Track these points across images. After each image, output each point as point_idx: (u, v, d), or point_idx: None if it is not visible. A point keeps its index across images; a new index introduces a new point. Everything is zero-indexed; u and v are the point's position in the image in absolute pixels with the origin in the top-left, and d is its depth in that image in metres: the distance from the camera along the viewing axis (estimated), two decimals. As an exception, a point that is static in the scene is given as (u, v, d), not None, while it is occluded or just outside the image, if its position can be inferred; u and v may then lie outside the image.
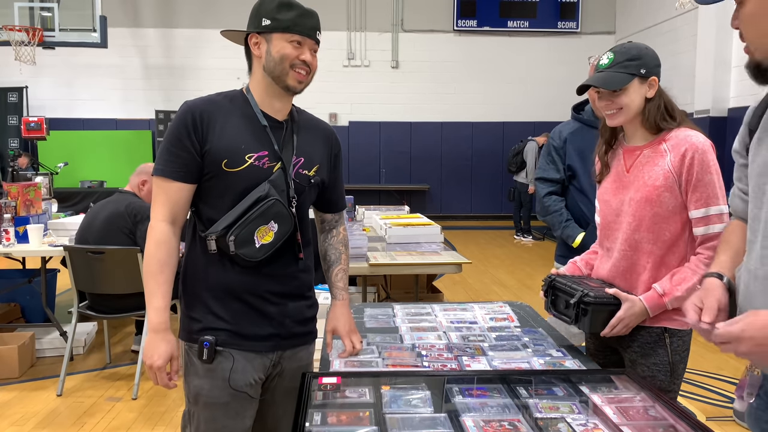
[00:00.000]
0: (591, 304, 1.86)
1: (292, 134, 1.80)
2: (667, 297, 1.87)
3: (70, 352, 3.98)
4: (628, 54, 1.90)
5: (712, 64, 8.86)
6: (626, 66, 1.89)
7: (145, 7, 12.46)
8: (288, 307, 1.82)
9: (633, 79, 1.88)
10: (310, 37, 1.72)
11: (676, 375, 1.95)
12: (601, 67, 1.93)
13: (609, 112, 1.94)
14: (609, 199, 2.02)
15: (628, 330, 1.91)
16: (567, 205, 2.85)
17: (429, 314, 2.38)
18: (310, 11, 1.74)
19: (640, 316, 1.89)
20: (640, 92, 1.91)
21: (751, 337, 1.20)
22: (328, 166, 1.90)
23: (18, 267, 5.47)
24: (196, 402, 1.78)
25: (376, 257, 3.62)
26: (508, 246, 10.10)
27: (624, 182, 1.98)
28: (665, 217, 1.89)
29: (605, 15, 12.95)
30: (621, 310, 1.87)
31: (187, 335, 1.78)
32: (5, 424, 3.46)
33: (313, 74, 1.78)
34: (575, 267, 2.19)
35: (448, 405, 1.52)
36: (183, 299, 1.82)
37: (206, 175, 1.72)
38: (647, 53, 1.93)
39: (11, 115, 12.16)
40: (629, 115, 1.92)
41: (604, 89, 1.90)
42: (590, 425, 1.40)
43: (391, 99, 12.97)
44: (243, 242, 1.68)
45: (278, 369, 1.84)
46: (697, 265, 1.85)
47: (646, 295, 1.89)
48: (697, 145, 1.85)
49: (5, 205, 4.48)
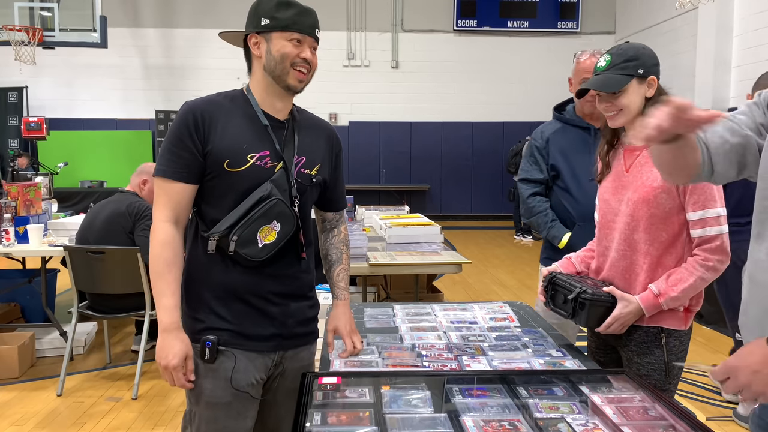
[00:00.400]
0: (588, 300, 1.89)
1: (293, 133, 1.80)
2: (663, 297, 1.88)
3: (70, 352, 3.98)
4: (625, 55, 1.91)
5: (712, 64, 8.86)
6: (624, 67, 1.90)
7: (145, 7, 12.46)
8: (290, 307, 1.82)
9: (631, 79, 1.89)
10: (309, 35, 1.72)
11: (672, 375, 1.97)
12: (598, 69, 1.95)
13: (609, 114, 1.95)
14: (608, 198, 2.04)
15: (624, 328, 1.93)
16: (552, 205, 2.83)
17: (429, 314, 2.38)
18: (308, 9, 1.74)
19: (635, 315, 1.91)
20: (640, 92, 1.91)
21: (746, 366, 1.21)
22: (329, 165, 1.90)
23: (18, 267, 5.47)
24: (198, 402, 1.78)
25: (376, 257, 3.62)
26: (508, 246, 10.10)
27: (623, 182, 2.00)
28: (662, 218, 1.90)
29: (605, 15, 12.95)
30: (616, 308, 1.90)
31: (190, 335, 1.78)
32: (5, 424, 3.46)
33: (313, 73, 1.78)
34: (569, 263, 2.21)
35: (448, 405, 1.52)
36: (185, 299, 1.82)
37: (208, 175, 1.72)
38: (644, 53, 1.93)
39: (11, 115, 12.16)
40: (630, 116, 1.93)
41: (603, 92, 1.91)
42: (590, 425, 1.40)
43: (391, 99, 12.97)
44: (246, 242, 1.68)
45: (280, 369, 1.84)
46: (693, 266, 1.87)
47: (642, 295, 1.91)
48: None
49: (5, 205, 4.48)
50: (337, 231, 2.02)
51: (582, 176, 2.67)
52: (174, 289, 1.70)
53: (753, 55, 8.50)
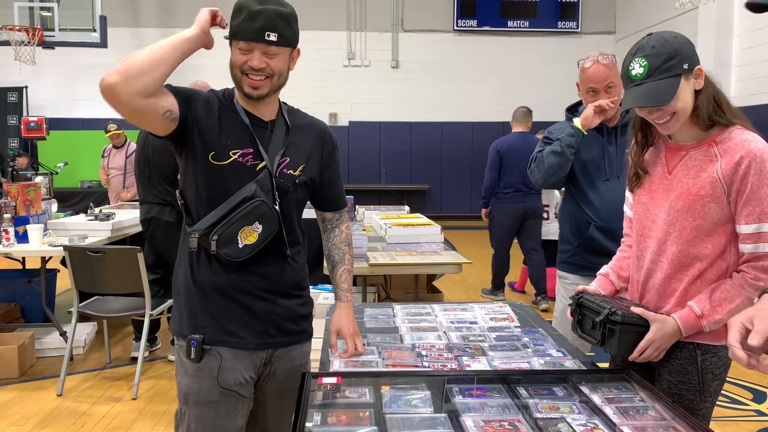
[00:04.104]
0: (618, 323, 1.66)
1: (279, 134, 1.80)
2: (706, 320, 1.66)
3: (70, 352, 3.98)
4: (663, 54, 1.63)
5: (712, 64, 8.85)
6: (667, 68, 1.63)
7: (145, 7, 12.46)
8: (276, 304, 1.82)
9: (679, 80, 1.64)
10: (255, 41, 1.63)
11: (707, 394, 1.76)
12: (637, 78, 1.66)
13: (661, 122, 1.70)
14: (647, 202, 1.82)
15: (661, 353, 1.70)
16: (568, 210, 2.79)
17: (429, 314, 2.38)
18: (259, 11, 1.62)
19: (672, 337, 1.69)
20: (690, 89, 1.67)
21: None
22: (318, 164, 1.88)
23: (18, 267, 5.47)
24: (186, 401, 1.79)
25: (376, 257, 3.62)
26: (508, 246, 10.07)
27: (665, 185, 1.77)
28: (708, 229, 1.69)
29: (605, 15, 12.95)
30: (651, 331, 1.67)
31: (178, 330, 1.81)
32: (5, 424, 3.46)
33: (279, 77, 1.71)
34: (606, 281, 1.96)
35: (448, 405, 1.52)
36: (174, 295, 1.85)
37: (193, 162, 1.72)
38: (682, 43, 1.66)
39: (11, 115, 12.16)
40: (685, 117, 1.69)
41: (659, 106, 1.65)
42: (590, 425, 1.40)
43: (391, 99, 12.97)
44: (226, 242, 1.68)
45: (270, 369, 1.84)
46: (741, 285, 1.65)
47: (680, 314, 1.69)
48: (755, 152, 1.62)
49: (5, 205, 4.48)
50: (339, 231, 2.01)
51: (595, 176, 2.66)
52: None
53: (753, 55, 8.51)
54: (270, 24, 1.63)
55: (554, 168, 2.66)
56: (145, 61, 1.56)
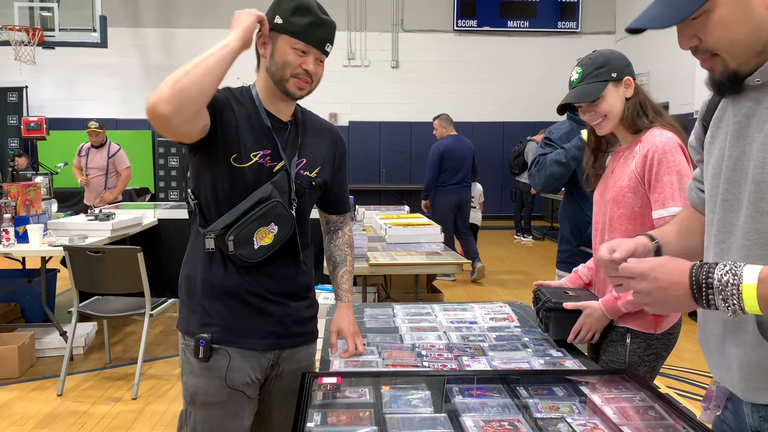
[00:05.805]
0: (552, 310, 1.91)
1: (296, 135, 1.80)
2: (621, 300, 1.87)
3: (70, 352, 3.98)
4: (594, 63, 1.95)
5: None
6: (596, 75, 1.93)
7: (145, 7, 12.46)
8: (288, 306, 1.82)
9: (606, 85, 1.92)
10: (317, 48, 1.68)
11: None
12: (573, 83, 1.98)
13: (595, 123, 1.98)
14: (598, 200, 2.09)
15: (595, 336, 1.95)
16: (568, 210, 2.79)
17: (429, 314, 2.38)
18: (325, 21, 1.68)
19: (600, 319, 1.92)
20: (618, 95, 1.94)
21: (656, 278, 1.16)
22: (331, 167, 1.89)
23: (18, 267, 5.47)
24: (193, 401, 1.78)
25: (376, 257, 3.62)
26: (508, 246, 10.10)
27: (606, 183, 2.04)
28: (631, 218, 1.92)
29: (605, 15, 12.95)
30: (581, 317, 1.93)
31: (185, 329, 1.79)
32: (5, 424, 3.46)
33: (317, 82, 1.74)
34: (576, 276, 2.21)
35: (448, 405, 1.52)
36: (182, 294, 1.82)
37: (212, 163, 1.69)
38: (613, 57, 1.97)
39: (11, 115, 12.15)
40: (615, 120, 1.96)
41: (582, 103, 1.95)
42: (590, 425, 1.40)
43: (391, 99, 12.96)
44: (242, 242, 1.67)
45: (277, 370, 1.84)
46: None
47: (604, 298, 1.92)
48: (658, 146, 1.86)
49: (5, 205, 4.48)
50: (342, 233, 2.02)
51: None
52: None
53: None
54: (330, 36, 1.71)
55: (556, 177, 2.76)
56: (194, 86, 1.48)
